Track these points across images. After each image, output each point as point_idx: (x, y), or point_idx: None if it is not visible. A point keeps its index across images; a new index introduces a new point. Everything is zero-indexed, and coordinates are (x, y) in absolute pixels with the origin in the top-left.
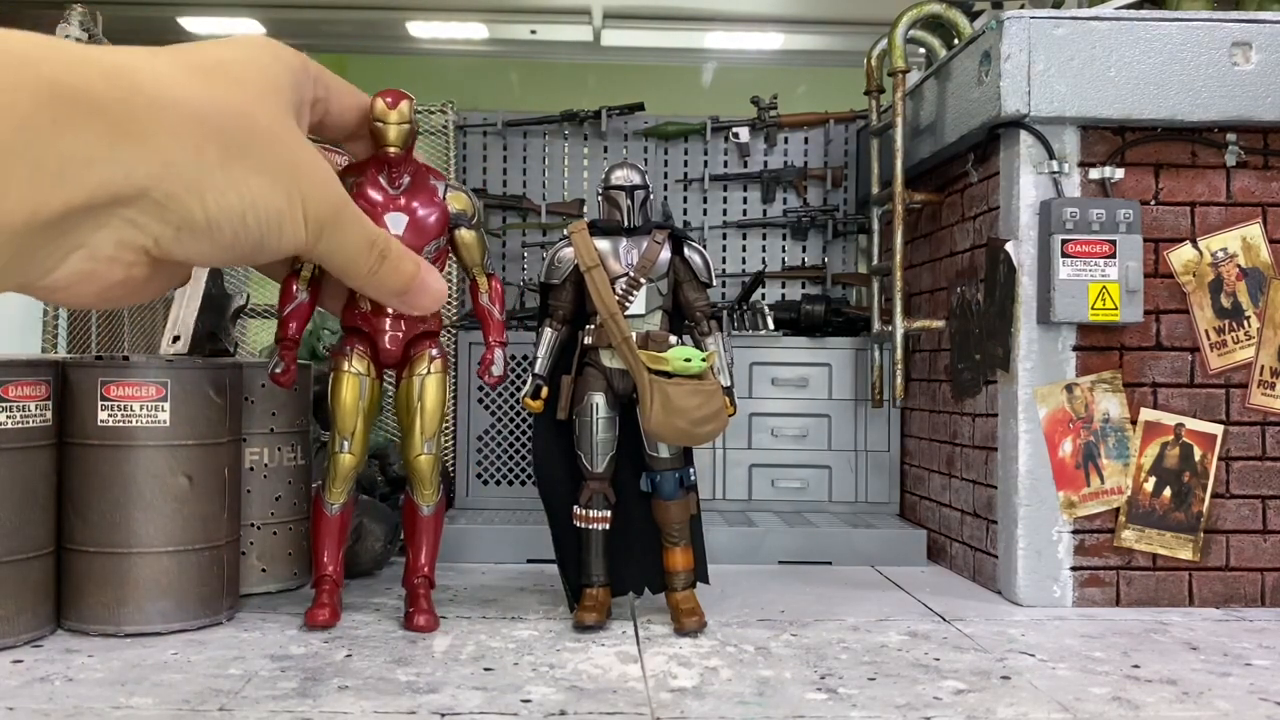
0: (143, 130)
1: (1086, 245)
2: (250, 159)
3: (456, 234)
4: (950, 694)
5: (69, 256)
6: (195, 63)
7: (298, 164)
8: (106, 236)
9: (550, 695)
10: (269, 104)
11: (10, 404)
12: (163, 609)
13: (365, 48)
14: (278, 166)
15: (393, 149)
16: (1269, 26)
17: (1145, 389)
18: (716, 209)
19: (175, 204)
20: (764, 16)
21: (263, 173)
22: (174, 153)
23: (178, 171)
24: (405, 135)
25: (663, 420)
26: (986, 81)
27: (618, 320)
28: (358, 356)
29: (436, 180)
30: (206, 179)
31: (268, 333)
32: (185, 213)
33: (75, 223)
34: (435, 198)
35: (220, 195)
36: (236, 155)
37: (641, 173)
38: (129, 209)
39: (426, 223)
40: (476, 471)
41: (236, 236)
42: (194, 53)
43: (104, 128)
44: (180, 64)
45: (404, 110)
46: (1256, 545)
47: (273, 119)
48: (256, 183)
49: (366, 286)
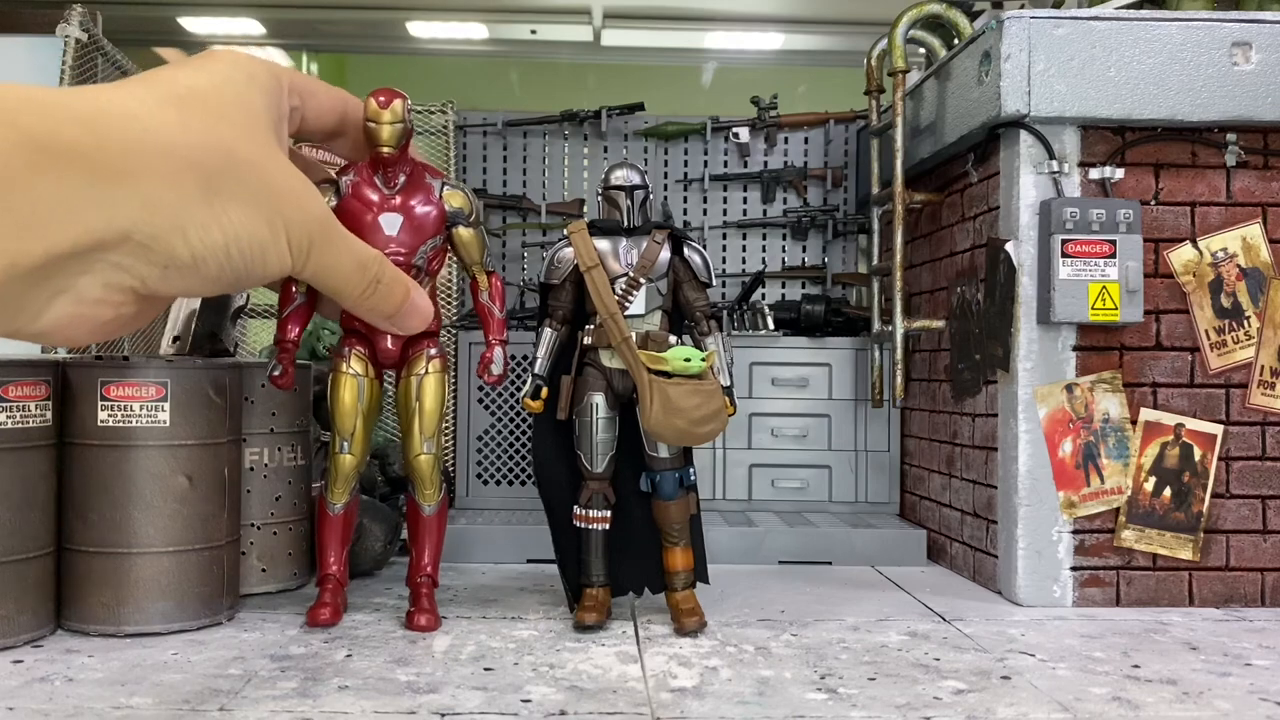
0: (122, 173)
1: (1086, 245)
2: (230, 190)
3: (454, 232)
4: (950, 694)
5: (55, 301)
6: (170, 94)
7: (278, 190)
8: (92, 280)
9: (550, 695)
10: (246, 131)
11: (10, 404)
12: (163, 609)
13: (365, 48)
14: (258, 195)
15: (386, 149)
16: (1269, 26)
17: (1145, 389)
18: (716, 209)
19: (159, 244)
20: (764, 16)
21: (244, 203)
22: (155, 193)
23: (160, 212)
24: (399, 135)
25: (662, 420)
26: (986, 81)
27: (617, 320)
28: (356, 357)
29: (434, 178)
30: (188, 216)
31: (268, 333)
32: (170, 252)
33: (59, 268)
34: (432, 196)
35: (203, 231)
36: (217, 188)
37: (641, 173)
38: (114, 253)
39: (423, 222)
40: (476, 471)
41: (222, 269)
42: (168, 83)
43: (83, 174)
44: (156, 98)
45: (397, 109)
46: (1256, 545)
47: (251, 146)
48: (238, 214)
49: (358, 309)
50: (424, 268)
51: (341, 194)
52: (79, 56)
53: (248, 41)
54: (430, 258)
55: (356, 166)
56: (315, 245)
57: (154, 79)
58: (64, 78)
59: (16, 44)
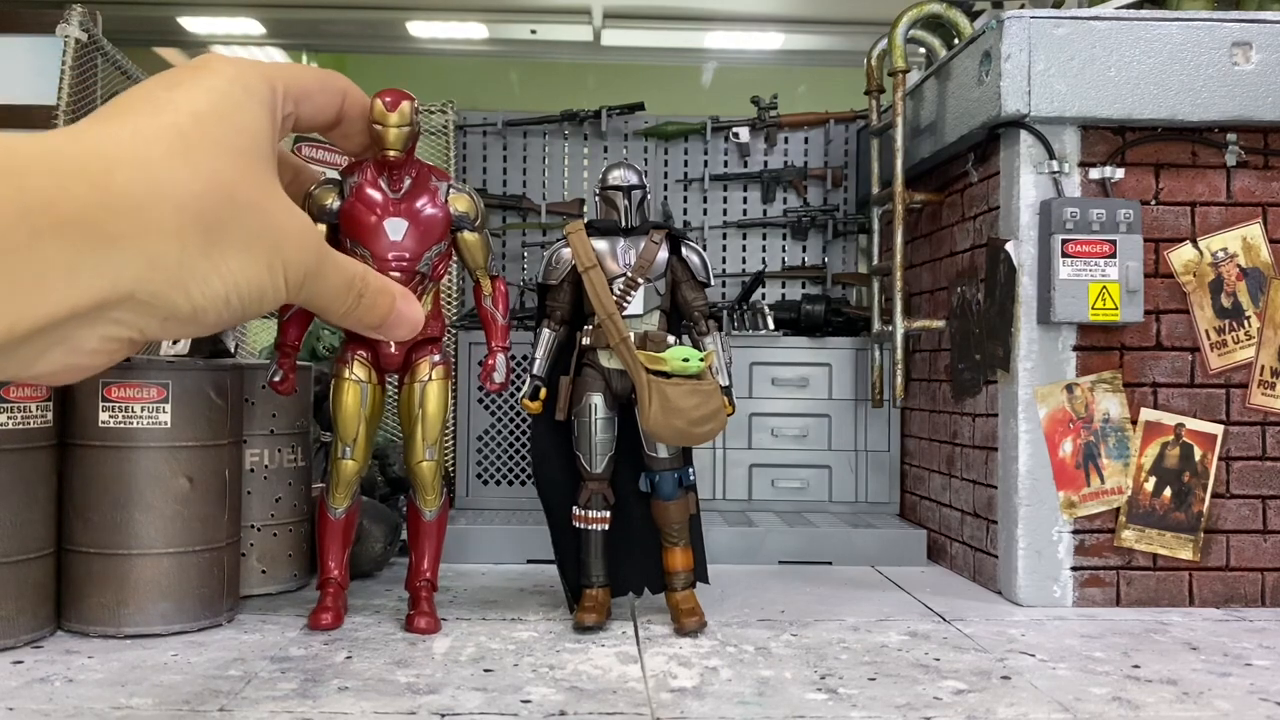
0: (127, 233)
1: (1086, 245)
2: (231, 238)
3: (459, 237)
4: (950, 694)
5: (49, 351)
6: (174, 128)
7: (278, 231)
8: (90, 334)
9: (550, 696)
10: (248, 166)
11: (10, 404)
12: (163, 610)
13: (365, 48)
14: (259, 240)
15: (392, 152)
16: (1269, 26)
17: (1145, 389)
18: (716, 209)
19: (160, 300)
20: (764, 16)
21: (244, 249)
22: (160, 251)
23: (163, 271)
24: (405, 138)
25: (661, 420)
26: (986, 81)
27: (615, 320)
28: (359, 363)
29: (439, 181)
30: (190, 271)
31: (268, 333)
32: (170, 306)
33: (57, 328)
34: (437, 200)
35: (204, 284)
36: (218, 238)
37: (639, 172)
38: (114, 310)
39: (428, 227)
40: (476, 472)
41: (220, 316)
42: (170, 110)
43: (89, 237)
44: (162, 138)
45: (404, 112)
46: (1257, 545)
47: (252, 186)
48: (238, 262)
49: (343, 323)
50: (428, 273)
51: (345, 196)
52: (79, 56)
53: (248, 41)
54: (435, 263)
55: (361, 167)
56: (310, 276)
57: (156, 104)
58: (64, 78)
59: (16, 44)
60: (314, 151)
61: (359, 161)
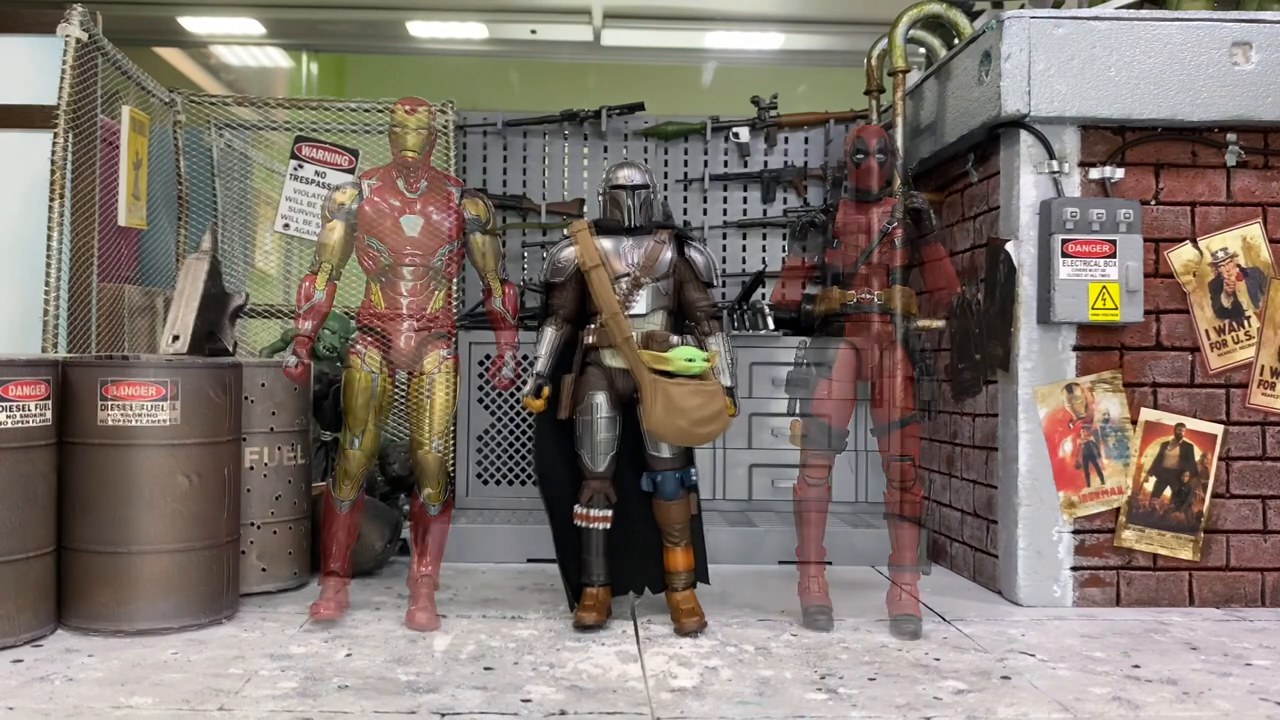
0: None
1: (1086, 245)
2: None
3: (471, 239)
4: (950, 694)
5: None
6: None
7: None
8: None
9: (550, 695)
10: None
11: (10, 404)
12: (163, 608)
13: (365, 48)
14: None
15: (410, 154)
16: (1269, 26)
17: (1145, 389)
18: (716, 209)
19: None
20: (764, 16)
21: None
22: None
23: None
24: (423, 141)
25: (664, 420)
26: (986, 81)
27: (619, 320)
28: (370, 355)
29: (453, 186)
30: None
31: (267, 332)
32: None
33: None
34: (451, 203)
35: None
36: None
37: (644, 172)
38: None
39: (442, 227)
40: (477, 471)
41: None
42: None
43: None
44: None
45: (422, 116)
46: (1257, 545)
47: None
48: None
49: None
50: (441, 270)
51: (364, 196)
52: (79, 56)
53: (248, 41)
54: (447, 261)
55: (381, 171)
56: None
57: None
58: (64, 78)
59: (16, 44)
60: (314, 151)
61: (378, 167)
